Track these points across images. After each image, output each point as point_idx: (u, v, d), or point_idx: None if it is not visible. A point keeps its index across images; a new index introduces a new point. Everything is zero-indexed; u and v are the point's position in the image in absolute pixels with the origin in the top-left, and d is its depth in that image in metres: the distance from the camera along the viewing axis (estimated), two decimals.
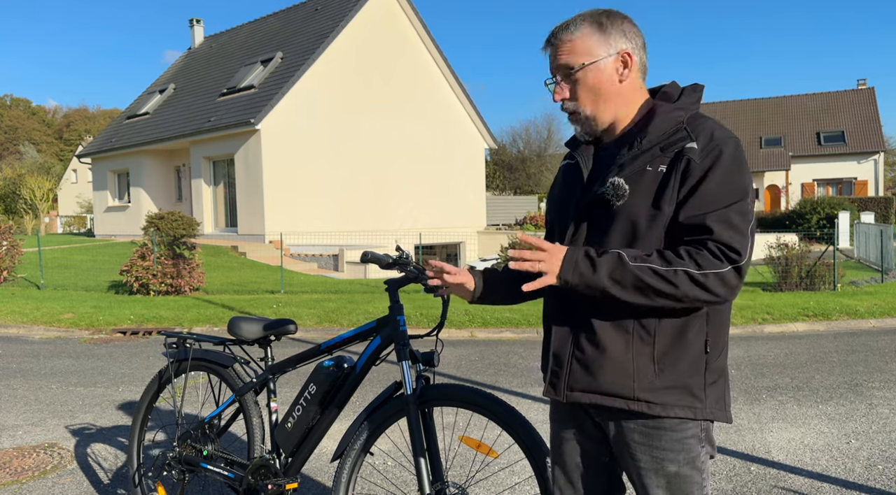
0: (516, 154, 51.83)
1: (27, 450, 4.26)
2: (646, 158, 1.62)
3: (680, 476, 1.66)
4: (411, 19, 23.48)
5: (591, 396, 1.69)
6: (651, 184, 1.60)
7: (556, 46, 1.70)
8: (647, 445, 1.67)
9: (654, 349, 1.63)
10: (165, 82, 27.82)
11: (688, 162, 1.57)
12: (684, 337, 1.63)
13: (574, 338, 1.71)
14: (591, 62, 1.67)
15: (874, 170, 38.48)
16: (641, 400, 1.63)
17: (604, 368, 1.65)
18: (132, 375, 6.40)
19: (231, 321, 2.87)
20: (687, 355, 1.64)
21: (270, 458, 2.70)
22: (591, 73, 1.68)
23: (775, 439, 4.25)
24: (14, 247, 13.48)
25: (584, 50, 1.67)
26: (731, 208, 1.54)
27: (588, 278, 1.57)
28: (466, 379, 5.98)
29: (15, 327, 9.32)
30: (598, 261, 1.57)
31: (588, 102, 1.70)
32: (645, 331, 1.63)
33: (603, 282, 1.56)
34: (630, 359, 1.64)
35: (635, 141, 1.64)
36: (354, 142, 21.72)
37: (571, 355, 1.71)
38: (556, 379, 1.75)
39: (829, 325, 8.36)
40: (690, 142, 1.59)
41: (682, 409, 1.64)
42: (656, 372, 1.63)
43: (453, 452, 4.06)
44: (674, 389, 1.64)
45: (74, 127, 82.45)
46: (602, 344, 1.65)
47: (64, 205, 52.89)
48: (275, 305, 10.35)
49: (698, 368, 1.65)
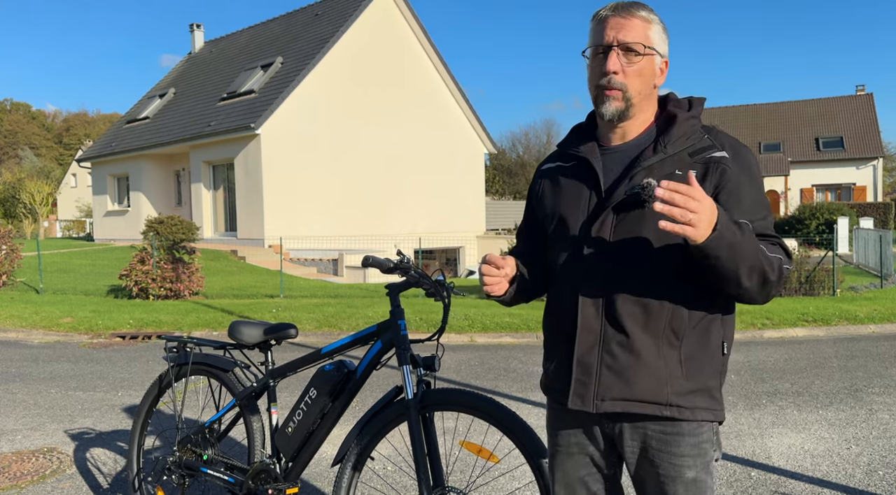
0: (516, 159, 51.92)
1: (26, 455, 4.25)
2: (674, 162, 1.61)
3: (697, 482, 1.64)
4: (411, 24, 23.54)
5: (624, 404, 1.62)
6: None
7: (628, 18, 1.62)
8: (665, 452, 1.64)
9: (681, 352, 1.61)
10: (165, 87, 27.85)
11: (723, 171, 1.58)
12: (707, 339, 1.63)
13: (604, 343, 1.63)
14: (651, 51, 1.63)
15: (873, 175, 38.55)
16: (674, 405, 1.60)
17: (639, 375, 1.60)
18: (131, 380, 6.39)
19: (232, 325, 2.87)
20: (708, 357, 1.63)
21: (271, 463, 2.69)
22: (647, 63, 1.63)
23: (775, 444, 4.25)
24: (13, 252, 13.47)
25: (651, 38, 1.64)
26: (769, 218, 1.61)
27: (739, 239, 1.43)
28: (466, 383, 5.98)
29: (14, 331, 9.30)
30: (743, 226, 1.47)
31: (634, 87, 1.63)
32: (674, 334, 1.60)
33: (750, 247, 1.46)
34: (662, 365, 1.60)
35: (658, 145, 1.63)
36: (354, 146, 21.74)
37: (601, 362, 1.63)
38: (583, 389, 1.65)
39: (828, 331, 8.36)
40: (719, 151, 1.60)
41: (706, 412, 1.63)
42: (685, 376, 1.61)
43: (454, 457, 4.05)
44: (699, 392, 1.62)
45: (74, 131, 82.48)
46: (636, 349, 1.60)
47: (63, 210, 52.87)
48: (274, 310, 10.34)
49: (717, 370, 1.65)
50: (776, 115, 42.26)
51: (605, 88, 1.63)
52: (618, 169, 1.67)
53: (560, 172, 1.79)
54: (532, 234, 1.88)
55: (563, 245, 1.72)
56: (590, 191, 1.68)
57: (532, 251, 1.87)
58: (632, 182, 1.61)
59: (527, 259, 1.85)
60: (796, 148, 40.06)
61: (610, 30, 1.62)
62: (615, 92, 1.62)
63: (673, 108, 1.69)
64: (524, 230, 1.94)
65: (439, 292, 2.37)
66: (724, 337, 1.66)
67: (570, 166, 1.77)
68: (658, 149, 1.62)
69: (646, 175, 1.60)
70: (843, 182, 38.96)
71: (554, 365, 1.75)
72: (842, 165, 39.01)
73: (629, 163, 1.65)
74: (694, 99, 1.72)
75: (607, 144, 1.72)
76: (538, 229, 1.85)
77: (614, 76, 1.61)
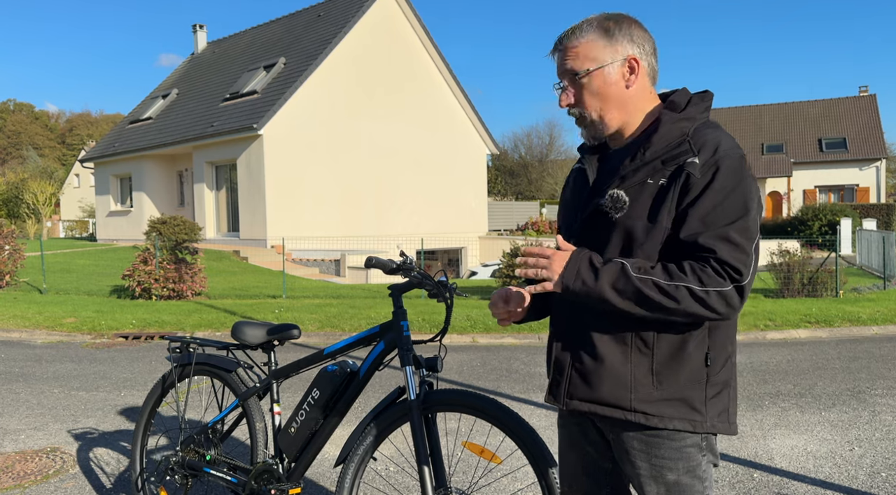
0: (518, 159, 51.93)
1: (30, 455, 4.26)
2: (647, 171, 1.61)
3: (679, 484, 1.66)
4: (413, 25, 23.56)
5: (589, 405, 1.69)
6: (650, 198, 1.59)
7: (563, 52, 1.71)
8: (646, 453, 1.67)
9: (653, 361, 1.62)
10: (168, 87, 27.90)
11: (687, 176, 1.54)
12: (684, 349, 1.62)
13: (573, 347, 1.72)
14: (597, 68, 1.66)
15: (876, 176, 38.47)
16: (639, 411, 1.63)
17: (602, 379, 1.66)
18: (134, 380, 6.40)
19: (235, 325, 2.87)
20: (686, 368, 1.62)
21: (273, 463, 2.70)
22: (596, 79, 1.67)
23: (778, 446, 4.24)
24: (16, 252, 13.50)
25: (589, 55, 1.66)
26: (733, 226, 1.52)
27: (590, 285, 1.56)
28: (469, 384, 5.98)
29: (17, 331, 9.33)
30: (601, 269, 1.56)
31: (593, 108, 1.69)
32: (643, 343, 1.62)
33: (604, 291, 1.55)
34: (628, 371, 1.63)
35: (637, 152, 1.63)
36: (356, 147, 21.76)
37: (571, 364, 1.72)
38: (556, 387, 1.77)
39: (831, 332, 8.35)
40: (692, 157, 1.56)
41: (681, 422, 1.63)
42: (655, 385, 1.62)
43: (456, 458, 4.05)
44: (673, 401, 1.63)
45: (77, 131, 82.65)
46: (600, 355, 1.65)
47: (66, 210, 52.98)
48: (277, 310, 10.36)
49: (699, 381, 1.63)
50: (779, 116, 42.20)
51: (574, 118, 1.75)
52: (611, 173, 1.71)
53: (574, 174, 1.88)
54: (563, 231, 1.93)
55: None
56: (586, 197, 1.76)
57: None
58: (605, 193, 1.67)
59: None
60: (799, 149, 39.99)
61: (558, 67, 1.74)
62: (579, 120, 1.74)
63: (664, 110, 1.67)
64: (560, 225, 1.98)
65: (442, 293, 2.38)
66: (709, 348, 1.63)
67: (577, 169, 1.86)
68: (637, 157, 1.64)
69: (618, 184, 1.65)
70: (846, 183, 38.88)
71: (547, 362, 1.85)
72: (845, 166, 38.93)
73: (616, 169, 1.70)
74: (694, 96, 1.69)
75: (609, 147, 1.78)
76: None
77: (569, 110, 1.73)
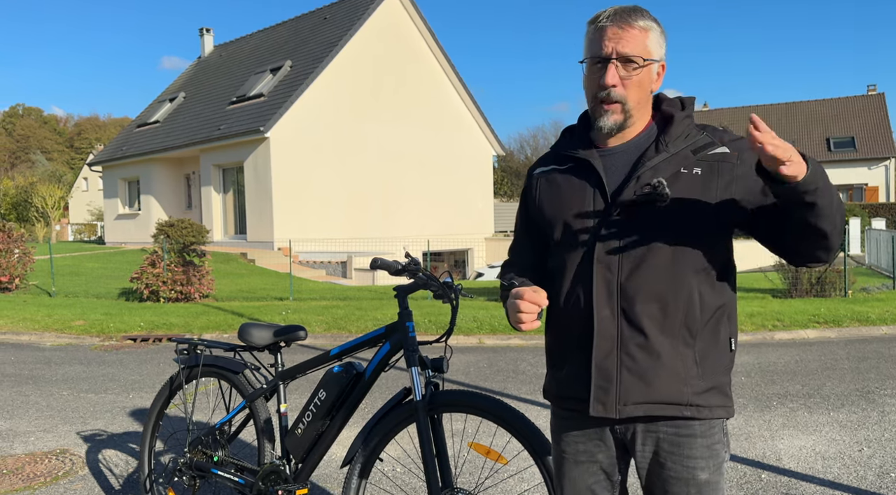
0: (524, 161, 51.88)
1: (39, 456, 4.29)
2: (678, 161, 1.61)
3: (710, 483, 1.63)
4: (419, 27, 23.59)
5: (646, 408, 1.60)
6: (689, 186, 1.58)
7: (626, 29, 1.59)
8: (678, 454, 1.63)
9: (695, 351, 1.61)
10: (175, 91, 28.03)
11: (732, 166, 1.58)
12: (717, 336, 1.63)
13: (622, 346, 1.60)
14: (649, 62, 1.62)
15: (885, 175, 38.25)
16: (693, 404, 1.60)
17: (659, 376, 1.58)
18: (142, 382, 6.43)
19: (241, 327, 2.88)
20: (719, 354, 1.63)
21: (280, 464, 2.71)
22: (646, 73, 1.62)
23: (786, 446, 4.23)
24: (26, 255, 13.59)
25: (649, 46, 1.61)
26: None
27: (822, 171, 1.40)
28: (475, 385, 5.98)
29: (27, 334, 9.39)
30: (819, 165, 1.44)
31: (632, 98, 1.62)
32: (688, 332, 1.59)
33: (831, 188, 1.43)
34: (680, 364, 1.59)
35: (659, 144, 1.62)
36: (363, 149, 21.80)
37: (620, 366, 1.60)
38: (604, 395, 1.61)
39: (840, 332, 8.31)
40: (720, 147, 1.61)
41: (721, 410, 1.63)
42: (699, 375, 1.61)
43: (462, 458, 4.06)
44: (713, 391, 1.62)
45: (85, 135, 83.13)
46: (655, 350, 1.58)
47: (75, 213, 53.26)
48: (283, 312, 10.39)
49: (727, 367, 1.66)
50: (787, 115, 42.03)
51: (603, 101, 1.62)
52: (620, 169, 1.65)
53: (558, 175, 1.75)
54: (531, 243, 1.84)
55: (571, 249, 1.67)
56: (593, 193, 1.65)
57: (533, 261, 1.84)
58: (639, 181, 1.59)
59: (528, 271, 1.83)
60: (807, 148, 39.80)
61: (608, 41, 1.59)
62: (614, 105, 1.61)
63: (668, 107, 1.69)
64: (521, 240, 1.88)
65: (447, 294, 2.38)
66: (731, 333, 1.66)
67: (567, 168, 1.73)
68: (661, 149, 1.62)
69: (652, 174, 1.59)
70: (854, 182, 38.67)
71: (565, 372, 1.70)
72: (853, 166, 38.73)
73: (634, 162, 1.64)
74: (685, 99, 1.72)
75: (604, 146, 1.70)
76: (537, 236, 1.81)
77: (613, 89, 1.60)
